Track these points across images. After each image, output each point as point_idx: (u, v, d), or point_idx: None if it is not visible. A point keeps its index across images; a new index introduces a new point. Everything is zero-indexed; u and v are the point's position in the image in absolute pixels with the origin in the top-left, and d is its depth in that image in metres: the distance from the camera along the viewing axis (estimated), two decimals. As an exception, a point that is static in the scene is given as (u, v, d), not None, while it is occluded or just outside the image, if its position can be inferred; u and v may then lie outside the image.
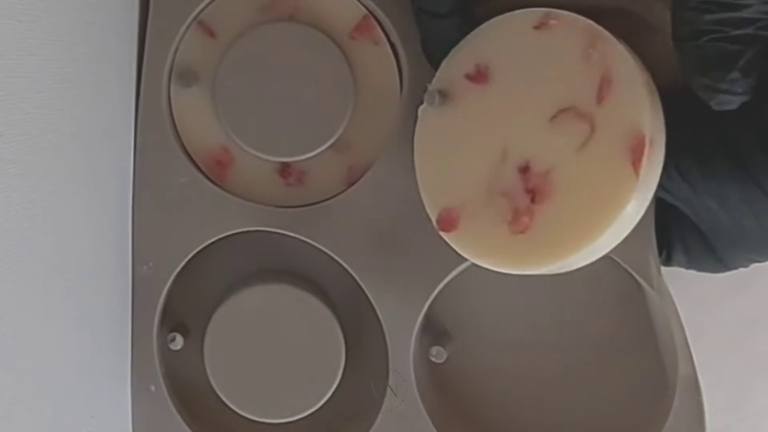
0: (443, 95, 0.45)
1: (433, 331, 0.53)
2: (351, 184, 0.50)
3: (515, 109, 0.44)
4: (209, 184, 0.50)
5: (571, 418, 0.54)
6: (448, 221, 0.45)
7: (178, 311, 0.53)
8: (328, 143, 0.49)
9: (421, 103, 0.46)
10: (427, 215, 0.46)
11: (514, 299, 0.54)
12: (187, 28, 0.49)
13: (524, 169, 0.43)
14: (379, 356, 0.51)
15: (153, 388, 0.50)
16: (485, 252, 0.44)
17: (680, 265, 0.50)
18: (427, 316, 0.51)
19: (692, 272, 0.50)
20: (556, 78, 0.43)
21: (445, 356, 0.52)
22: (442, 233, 0.45)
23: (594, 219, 0.41)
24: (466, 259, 0.49)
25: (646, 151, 0.41)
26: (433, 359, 0.52)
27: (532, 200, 0.43)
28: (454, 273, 0.50)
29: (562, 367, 0.54)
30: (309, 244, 0.50)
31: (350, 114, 0.49)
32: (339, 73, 0.49)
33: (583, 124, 0.42)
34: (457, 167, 0.45)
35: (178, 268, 0.50)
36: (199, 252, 0.50)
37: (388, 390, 0.51)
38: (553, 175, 0.42)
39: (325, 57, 0.49)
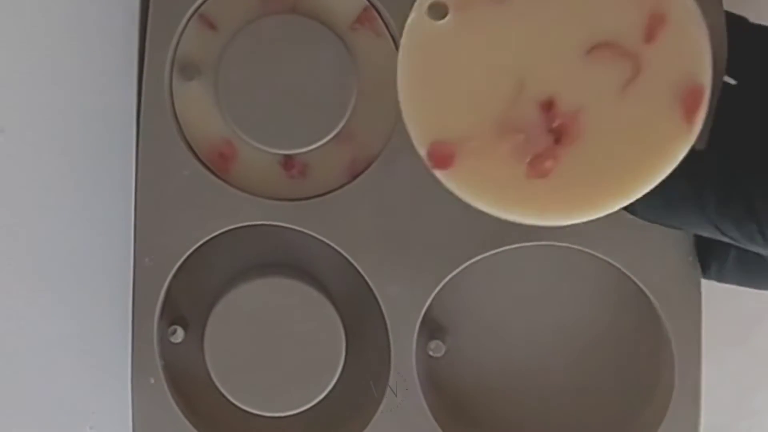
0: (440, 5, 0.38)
1: (430, 325, 0.53)
2: (354, 176, 0.50)
3: (541, 36, 0.38)
4: (212, 177, 0.50)
5: (570, 412, 0.54)
6: (441, 157, 0.39)
7: (179, 304, 0.53)
8: (331, 135, 0.49)
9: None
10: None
11: (514, 296, 0.54)
12: (188, 21, 0.49)
13: (547, 106, 0.38)
14: (380, 350, 0.51)
15: (152, 380, 0.50)
16: (494, 194, 0.39)
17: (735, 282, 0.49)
18: (427, 310, 0.51)
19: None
20: (595, 5, 0.37)
21: (443, 350, 0.52)
22: (435, 171, 0.39)
23: (635, 174, 0.37)
24: (472, 255, 0.50)
25: (703, 104, 0.37)
26: (431, 353, 0.52)
27: (557, 141, 0.38)
28: (459, 268, 0.50)
29: (562, 364, 0.54)
30: (311, 237, 0.50)
31: (353, 105, 0.49)
32: (341, 65, 0.49)
33: (626, 63, 0.37)
34: (457, 94, 0.38)
35: (180, 262, 0.50)
36: (201, 245, 0.50)
37: (392, 384, 0.50)
38: (584, 117, 0.37)
39: (327, 48, 0.49)
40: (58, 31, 0.39)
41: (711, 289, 0.53)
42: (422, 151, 0.39)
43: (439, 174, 0.39)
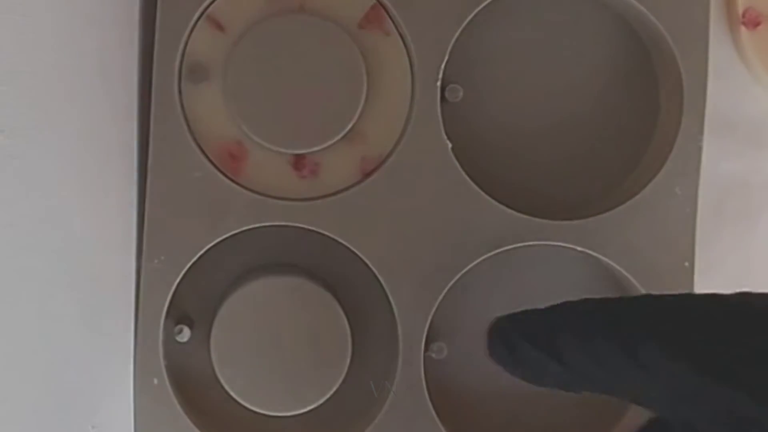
0: None
1: (431, 328, 0.52)
2: (365, 175, 0.50)
3: None
4: (223, 178, 0.49)
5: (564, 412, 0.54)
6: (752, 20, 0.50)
7: (185, 303, 0.52)
8: (342, 134, 0.49)
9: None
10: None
11: (512, 299, 0.53)
12: (196, 23, 0.49)
13: None
14: (386, 350, 0.51)
15: (156, 381, 0.49)
16: None
17: None
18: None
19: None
20: None
21: (445, 353, 0.51)
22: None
23: None
24: (482, 252, 0.50)
25: None
26: (433, 356, 0.51)
27: None
28: (471, 264, 0.50)
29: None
30: (319, 239, 0.50)
31: (363, 104, 0.49)
32: (350, 64, 0.49)
33: None
34: None
35: (189, 264, 0.49)
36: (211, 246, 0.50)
37: (395, 383, 0.50)
38: None
39: (336, 47, 0.49)
40: (58, 32, 0.39)
41: (711, 287, 0.53)
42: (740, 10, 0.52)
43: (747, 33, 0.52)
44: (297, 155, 0.50)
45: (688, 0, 0.51)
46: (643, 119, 0.53)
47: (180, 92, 0.49)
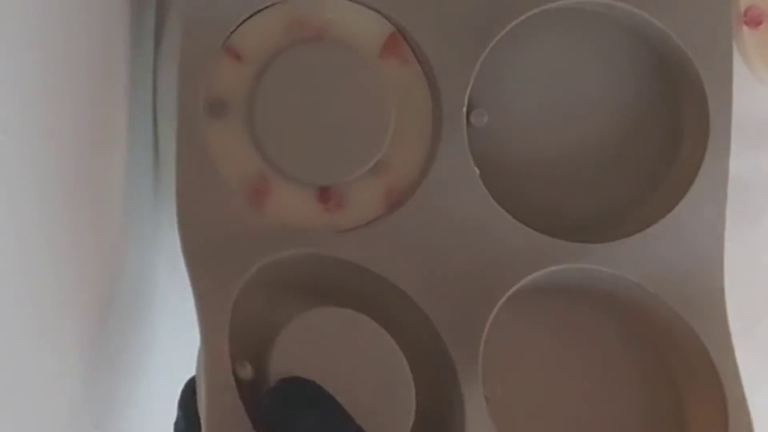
0: None
1: None
2: (391, 206, 0.49)
3: None
4: (248, 213, 0.47)
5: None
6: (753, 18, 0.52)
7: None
8: (370, 164, 0.48)
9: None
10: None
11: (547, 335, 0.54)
12: (216, 55, 0.47)
13: None
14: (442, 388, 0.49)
15: None
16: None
17: None
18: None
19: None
20: None
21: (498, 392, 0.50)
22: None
23: None
24: (516, 279, 0.49)
25: None
26: (487, 395, 0.49)
27: None
28: (509, 291, 0.49)
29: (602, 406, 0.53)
30: (346, 274, 0.48)
31: (390, 134, 0.48)
32: (374, 93, 0.48)
33: None
34: None
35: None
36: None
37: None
38: None
39: (359, 77, 0.48)
40: (59, 36, 0.38)
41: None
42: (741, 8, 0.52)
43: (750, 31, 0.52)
44: (322, 187, 0.49)
45: (711, 21, 0.51)
46: (667, 140, 0.54)
47: (202, 127, 0.47)
